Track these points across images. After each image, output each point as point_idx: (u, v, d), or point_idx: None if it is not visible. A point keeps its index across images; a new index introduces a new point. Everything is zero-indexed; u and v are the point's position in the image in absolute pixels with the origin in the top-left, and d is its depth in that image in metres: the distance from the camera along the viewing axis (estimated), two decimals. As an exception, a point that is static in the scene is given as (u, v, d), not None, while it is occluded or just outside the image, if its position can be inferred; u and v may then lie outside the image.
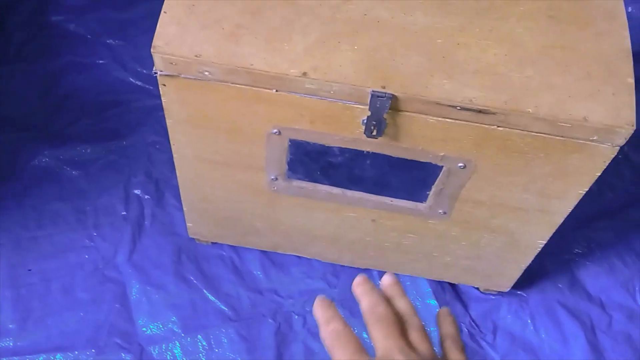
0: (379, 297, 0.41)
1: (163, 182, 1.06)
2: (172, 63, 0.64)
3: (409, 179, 0.78)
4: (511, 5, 0.69)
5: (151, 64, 0.65)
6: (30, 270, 0.95)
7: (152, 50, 0.64)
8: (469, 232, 0.83)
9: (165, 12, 0.65)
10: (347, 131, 0.69)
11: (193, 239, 0.99)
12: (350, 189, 0.80)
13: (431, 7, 0.68)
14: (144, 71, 1.19)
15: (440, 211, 0.80)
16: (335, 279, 0.98)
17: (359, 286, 0.42)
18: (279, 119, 0.69)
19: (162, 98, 0.69)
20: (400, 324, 0.40)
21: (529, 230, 0.81)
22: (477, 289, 0.99)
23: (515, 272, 0.91)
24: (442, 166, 0.72)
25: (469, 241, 0.85)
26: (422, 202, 0.80)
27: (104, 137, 1.10)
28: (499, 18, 0.68)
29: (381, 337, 0.39)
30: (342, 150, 0.73)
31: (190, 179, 0.83)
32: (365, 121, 0.66)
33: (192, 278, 0.96)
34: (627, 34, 0.68)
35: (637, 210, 1.12)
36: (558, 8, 0.69)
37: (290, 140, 0.72)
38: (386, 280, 0.44)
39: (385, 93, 0.63)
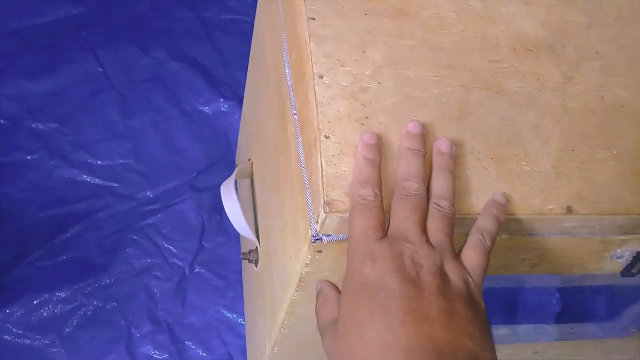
0: (420, 168, 0.37)
1: (178, 327, 0.74)
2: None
3: (586, 299, 0.58)
4: None
5: (105, 152, 0.42)
6: None
7: (324, 209, 0.36)
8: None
9: (327, 137, 0.37)
10: (578, 269, 0.47)
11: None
12: (517, 324, 0.58)
13: (672, 75, 0.47)
14: (99, 162, 0.85)
15: (633, 329, 0.60)
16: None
17: (410, 139, 0.37)
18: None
19: (305, 268, 0.41)
20: (424, 209, 0.36)
21: None
22: None
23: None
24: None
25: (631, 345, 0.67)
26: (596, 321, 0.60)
27: (71, 275, 0.75)
28: None
29: (400, 216, 0.35)
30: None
31: (290, 350, 0.55)
32: (623, 256, 0.44)
33: None
34: None
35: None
36: None
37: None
38: (443, 147, 0.38)
39: (684, 219, 0.41)
